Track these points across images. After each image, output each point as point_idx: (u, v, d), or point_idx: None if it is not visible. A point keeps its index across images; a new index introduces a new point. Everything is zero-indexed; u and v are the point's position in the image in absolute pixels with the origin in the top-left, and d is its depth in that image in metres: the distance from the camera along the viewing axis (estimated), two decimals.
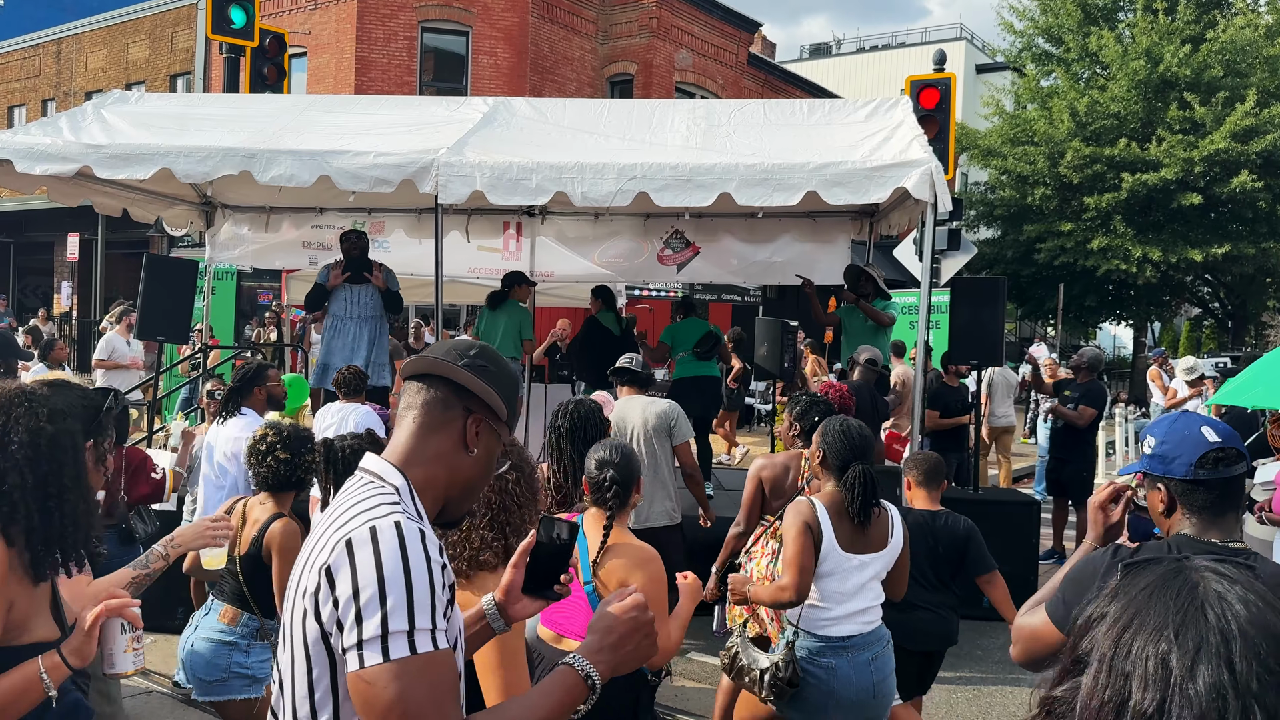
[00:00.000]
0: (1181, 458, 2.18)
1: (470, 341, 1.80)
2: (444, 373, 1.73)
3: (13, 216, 24.23)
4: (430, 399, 1.73)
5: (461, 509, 1.79)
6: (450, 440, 1.71)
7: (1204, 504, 2.16)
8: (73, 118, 7.21)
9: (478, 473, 1.76)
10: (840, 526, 3.62)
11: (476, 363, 1.75)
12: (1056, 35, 25.10)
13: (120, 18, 25.62)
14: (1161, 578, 1.00)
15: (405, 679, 1.47)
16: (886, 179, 5.95)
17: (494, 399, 1.74)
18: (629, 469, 3.20)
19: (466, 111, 7.56)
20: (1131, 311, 26.20)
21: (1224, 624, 0.92)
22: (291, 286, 12.46)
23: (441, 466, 1.71)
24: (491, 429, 1.76)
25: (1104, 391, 9.36)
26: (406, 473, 1.67)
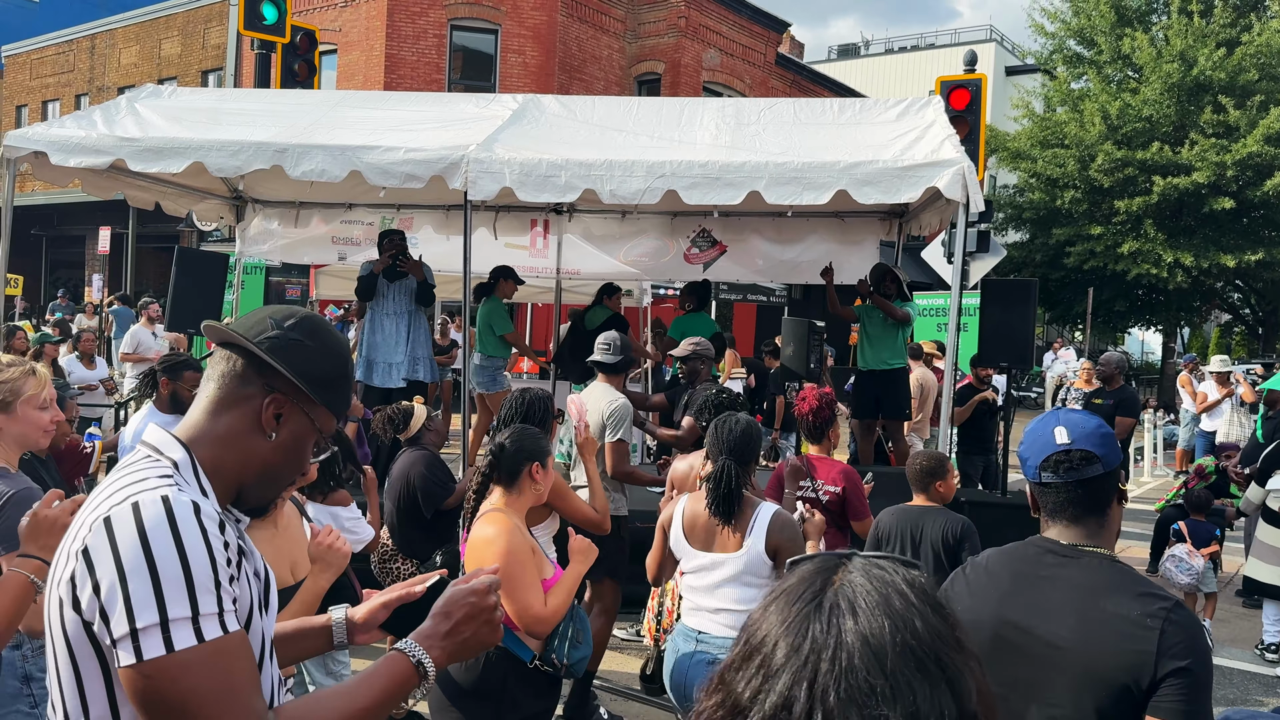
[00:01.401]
0: (1031, 460, 2.12)
1: (291, 310, 1.61)
2: (238, 343, 1.54)
3: (46, 209, 24.52)
4: (228, 371, 1.55)
5: (263, 496, 1.60)
6: (245, 420, 1.53)
7: (1055, 506, 2.10)
8: (107, 111, 7.27)
9: (278, 459, 1.56)
10: (697, 523, 3.53)
11: (289, 335, 1.56)
12: (1089, 37, 24.87)
13: (153, 14, 25.88)
14: (802, 577, 0.94)
15: (193, 671, 1.29)
16: (918, 178, 5.90)
17: (301, 379, 1.55)
18: (516, 448, 3.22)
19: (496, 108, 7.57)
20: (1161, 317, 25.93)
21: (824, 634, 0.87)
22: (320, 281, 12.53)
23: (232, 448, 1.52)
24: (300, 411, 1.57)
25: (1137, 398, 9.26)
26: (193, 449, 1.50)
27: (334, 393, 1.61)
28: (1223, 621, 7.66)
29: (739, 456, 3.50)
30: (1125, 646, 1.88)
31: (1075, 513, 2.08)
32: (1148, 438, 14.97)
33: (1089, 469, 2.04)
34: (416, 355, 7.89)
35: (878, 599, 0.88)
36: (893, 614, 0.87)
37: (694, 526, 3.55)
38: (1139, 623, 1.88)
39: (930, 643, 0.86)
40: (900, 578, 0.91)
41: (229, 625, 1.33)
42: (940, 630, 0.88)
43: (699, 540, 3.53)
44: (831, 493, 4.78)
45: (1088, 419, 2.10)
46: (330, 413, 1.62)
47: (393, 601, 1.87)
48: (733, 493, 3.44)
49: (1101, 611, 1.93)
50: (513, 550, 3.02)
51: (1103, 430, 2.08)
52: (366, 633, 1.89)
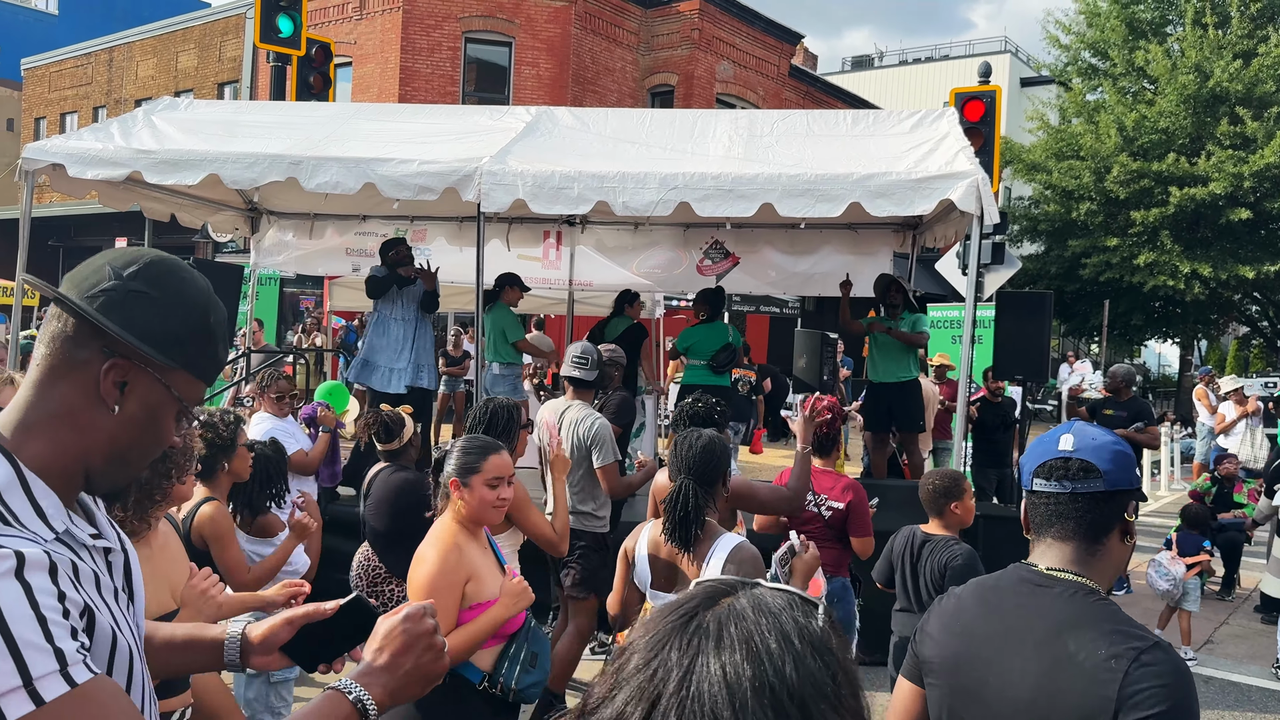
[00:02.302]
0: (1028, 465, 1.88)
1: (136, 254, 1.35)
2: (61, 300, 1.29)
3: (63, 221, 24.71)
4: (59, 332, 1.29)
5: (116, 479, 1.35)
6: (82, 391, 1.28)
7: (1041, 520, 1.84)
8: (124, 124, 7.32)
9: (127, 436, 1.32)
10: (659, 557, 3.24)
11: (128, 286, 1.29)
12: (1103, 50, 24.81)
13: (170, 27, 26.11)
14: (686, 597, 0.87)
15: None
16: (932, 190, 5.88)
17: (145, 339, 1.29)
18: (463, 464, 3.06)
19: (509, 121, 7.59)
20: (1178, 329, 25.78)
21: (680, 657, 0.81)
22: (334, 292, 12.58)
23: (70, 427, 1.27)
24: (150, 377, 1.31)
25: (1150, 406, 9.20)
26: (20, 450, 1.25)
27: (193, 351, 1.34)
28: (1241, 638, 7.58)
29: (700, 476, 3.19)
30: (1084, 691, 1.62)
31: (1062, 531, 1.82)
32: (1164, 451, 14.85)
33: (1087, 482, 1.79)
34: (421, 362, 7.90)
35: (750, 632, 0.81)
36: (760, 650, 0.80)
37: (655, 558, 3.26)
38: (1103, 665, 1.62)
39: (798, 689, 0.79)
40: (790, 616, 0.84)
41: (76, 677, 1.13)
42: (817, 679, 0.80)
43: (660, 576, 3.23)
44: (835, 509, 4.69)
45: (1103, 433, 1.86)
46: (193, 376, 1.36)
47: (297, 619, 1.62)
48: (689, 516, 3.11)
49: (1063, 650, 1.68)
50: (440, 575, 2.85)
51: (1117, 447, 1.84)
52: (265, 654, 1.62)
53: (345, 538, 5.35)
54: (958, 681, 1.82)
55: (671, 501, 3.15)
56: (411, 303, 7.93)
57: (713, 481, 3.22)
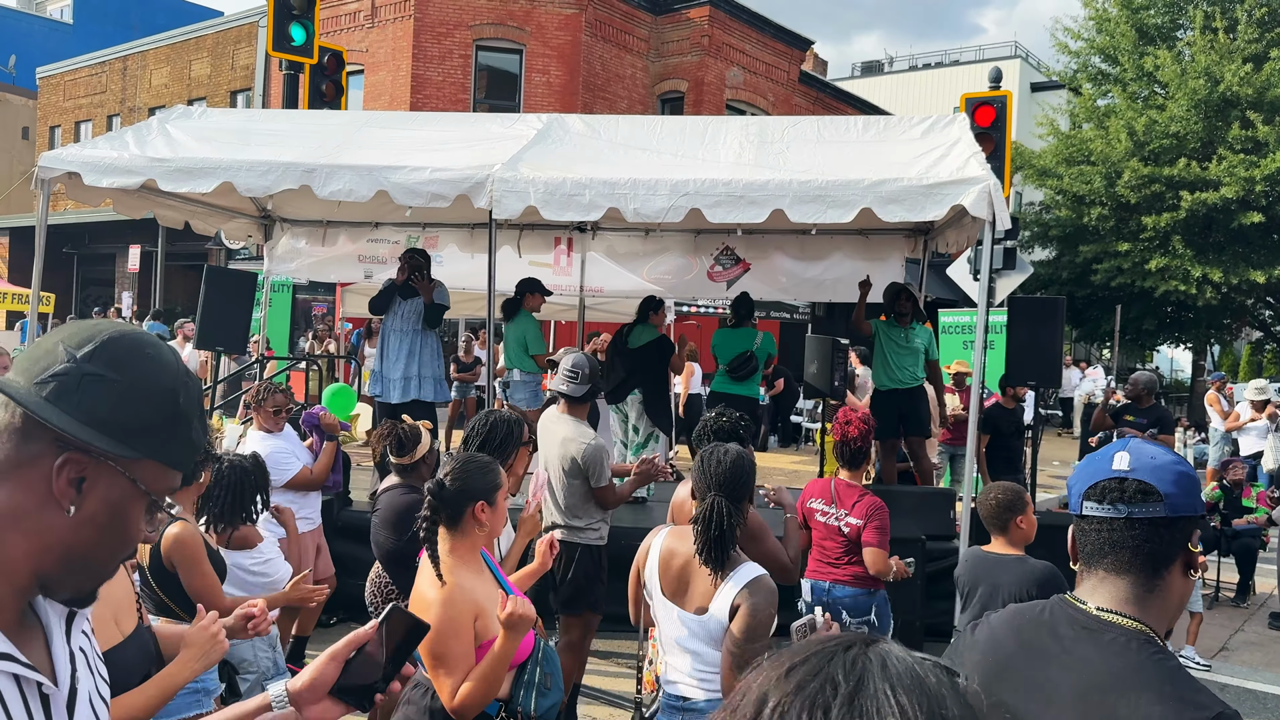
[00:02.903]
0: (1077, 486, 1.66)
1: (94, 330, 1.19)
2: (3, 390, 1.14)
3: (77, 228, 24.87)
4: (4, 424, 1.14)
5: (80, 585, 1.19)
6: (31, 491, 1.12)
7: (1092, 550, 1.61)
8: (138, 132, 7.37)
9: (87, 538, 1.15)
10: (670, 566, 3.16)
11: (83, 369, 1.14)
12: (1112, 55, 24.75)
13: (183, 36, 26.27)
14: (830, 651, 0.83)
15: None
16: (944, 196, 5.88)
17: (102, 430, 1.13)
18: (458, 486, 2.86)
19: (521, 128, 7.62)
20: (1190, 334, 25.66)
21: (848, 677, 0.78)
22: (346, 299, 12.63)
23: (16, 531, 1.12)
24: (113, 471, 1.15)
25: (1171, 415, 9.17)
26: None
27: (162, 439, 1.18)
28: (1257, 645, 7.53)
29: (729, 492, 3.06)
30: None
31: (1116, 562, 1.59)
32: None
33: (1146, 505, 1.56)
34: (418, 374, 7.87)
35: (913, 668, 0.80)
36: (927, 685, 0.78)
37: (667, 568, 3.17)
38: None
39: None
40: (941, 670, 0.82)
41: None
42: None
43: (670, 585, 3.15)
44: (854, 525, 4.67)
45: (1163, 451, 1.64)
46: (164, 465, 1.20)
47: (340, 653, 1.48)
48: (724, 535, 2.99)
49: (1109, 713, 1.47)
50: (445, 623, 2.70)
51: (1180, 468, 1.61)
52: (315, 702, 1.47)
53: (361, 544, 5.34)
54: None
55: (704, 520, 3.02)
56: (412, 315, 7.93)
57: (740, 498, 3.12)
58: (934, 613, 6.56)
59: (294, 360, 13.28)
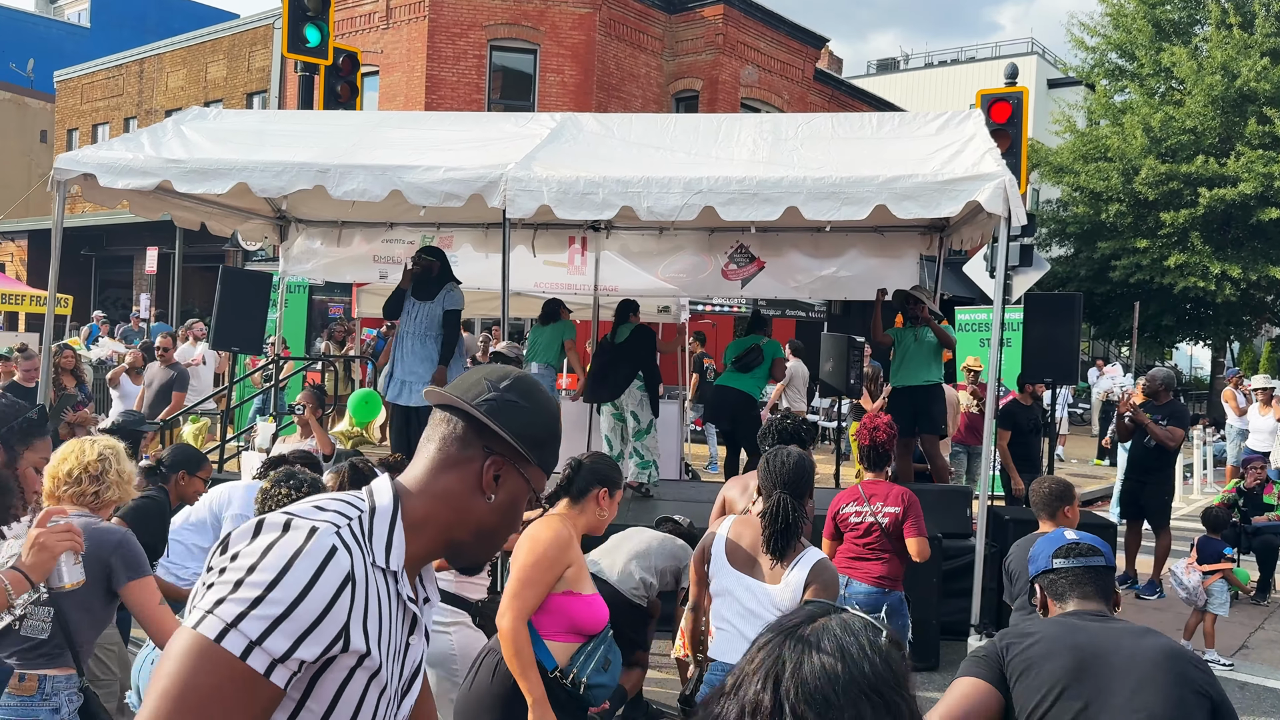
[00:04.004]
0: (1043, 554, 2.60)
1: (505, 371, 1.62)
2: (459, 406, 1.57)
3: (95, 230, 25.05)
4: (448, 434, 1.57)
5: (477, 555, 1.61)
6: (464, 481, 1.55)
7: (1068, 585, 2.52)
8: (154, 134, 7.41)
9: (495, 520, 1.58)
10: (740, 547, 3.50)
11: (505, 397, 1.56)
12: (1129, 51, 24.58)
13: (200, 38, 26.42)
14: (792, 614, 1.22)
15: (201, 667, 1.26)
16: (959, 192, 5.84)
17: (519, 441, 1.56)
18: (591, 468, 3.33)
19: (534, 127, 7.62)
20: (1210, 331, 25.46)
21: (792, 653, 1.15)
22: (362, 300, 12.67)
23: (448, 506, 1.54)
24: (516, 472, 1.58)
25: (1187, 412, 9.09)
26: (404, 500, 1.52)
27: (547, 452, 1.62)
28: (1277, 643, 7.46)
29: (794, 490, 3.44)
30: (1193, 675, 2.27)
31: (1088, 590, 2.50)
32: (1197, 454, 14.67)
33: (1095, 558, 2.53)
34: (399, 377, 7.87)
35: (839, 642, 1.15)
36: (848, 656, 1.14)
37: (736, 549, 3.51)
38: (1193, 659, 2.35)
39: (874, 681, 1.13)
40: (864, 635, 1.17)
41: (275, 675, 1.29)
42: (885, 675, 1.14)
43: (739, 563, 3.48)
44: (891, 514, 4.89)
45: (1089, 534, 2.63)
46: (543, 472, 1.63)
47: None
48: (790, 528, 3.38)
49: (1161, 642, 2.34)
50: (545, 554, 3.05)
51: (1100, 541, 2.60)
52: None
53: None
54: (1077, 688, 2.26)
55: (771, 515, 3.39)
56: (423, 318, 7.84)
57: (802, 495, 3.47)
58: (950, 610, 6.51)
59: (310, 361, 13.33)
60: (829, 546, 5.14)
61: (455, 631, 3.76)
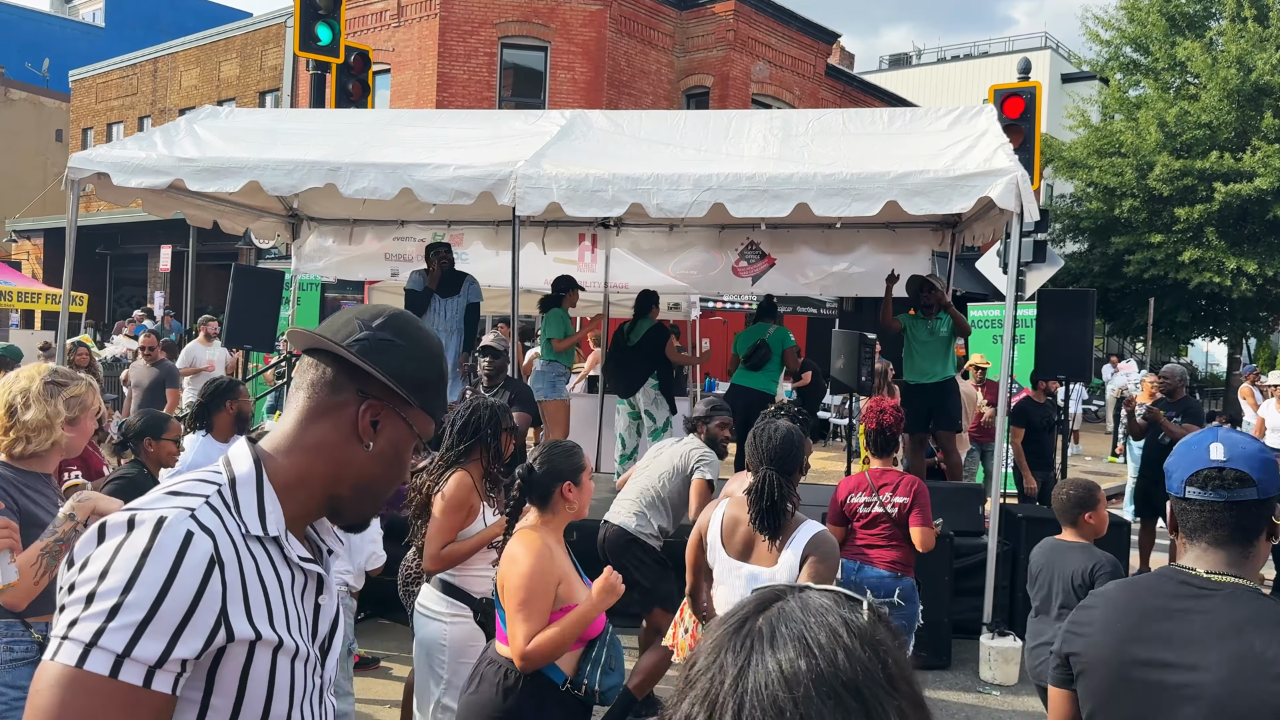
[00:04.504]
0: (1177, 473, 1.97)
1: (379, 309, 1.51)
2: (327, 348, 1.44)
3: (109, 229, 25.17)
4: (317, 379, 1.44)
5: (361, 509, 1.49)
6: (338, 429, 1.42)
7: (1196, 526, 1.95)
8: (166, 132, 7.44)
9: (376, 470, 1.45)
10: (736, 531, 3.40)
11: (378, 336, 1.44)
12: (1144, 45, 24.41)
13: (212, 37, 26.51)
14: (740, 605, 0.94)
15: (69, 701, 1.14)
16: (970, 188, 5.82)
17: (396, 381, 1.44)
18: (546, 469, 3.13)
19: (544, 124, 7.62)
20: (1225, 327, 25.26)
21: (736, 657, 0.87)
22: (373, 297, 12.69)
23: (323, 459, 1.42)
24: (397, 416, 1.45)
25: (1202, 408, 9.03)
26: (269, 461, 1.39)
27: (430, 394, 1.50)
28: None
29: (780, 466, 3.32)
30: (1275, 689, 1.74)
31: (1217, 536, 1.92)
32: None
33: (1241, 491, 1.90)
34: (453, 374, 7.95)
35: (801, 629, 0.88)
36: (812, 645, 0.86)
37: (732, 533, 3.42)
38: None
39: (850, 676, 0.85)
40: (836, 613, 0.89)
41: (155, 682, 1.18)
42: (869, 667, 0.86)
43: (735, 548, 3.40)
44: (900, 504, 4.85)
45: (1250, 441, 1.96)
46: (428, 416, 1.51)
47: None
48: (776, 504, 3.26)
49: (1248, 647, 1.78)
50: (535, 574, 2.93)
51: (1265, 455, 1.93)
52: None
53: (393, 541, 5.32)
54: (1129, 679, 1.90)
55: (756, 492, 3.26)
56: (453, 314, 7.93)
57: (791, 471, 3.34)
58: (962, 609, 6.48)
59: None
60: (833, 533, 5.07)
61: (452, 624, 3.71)
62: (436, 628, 3.72)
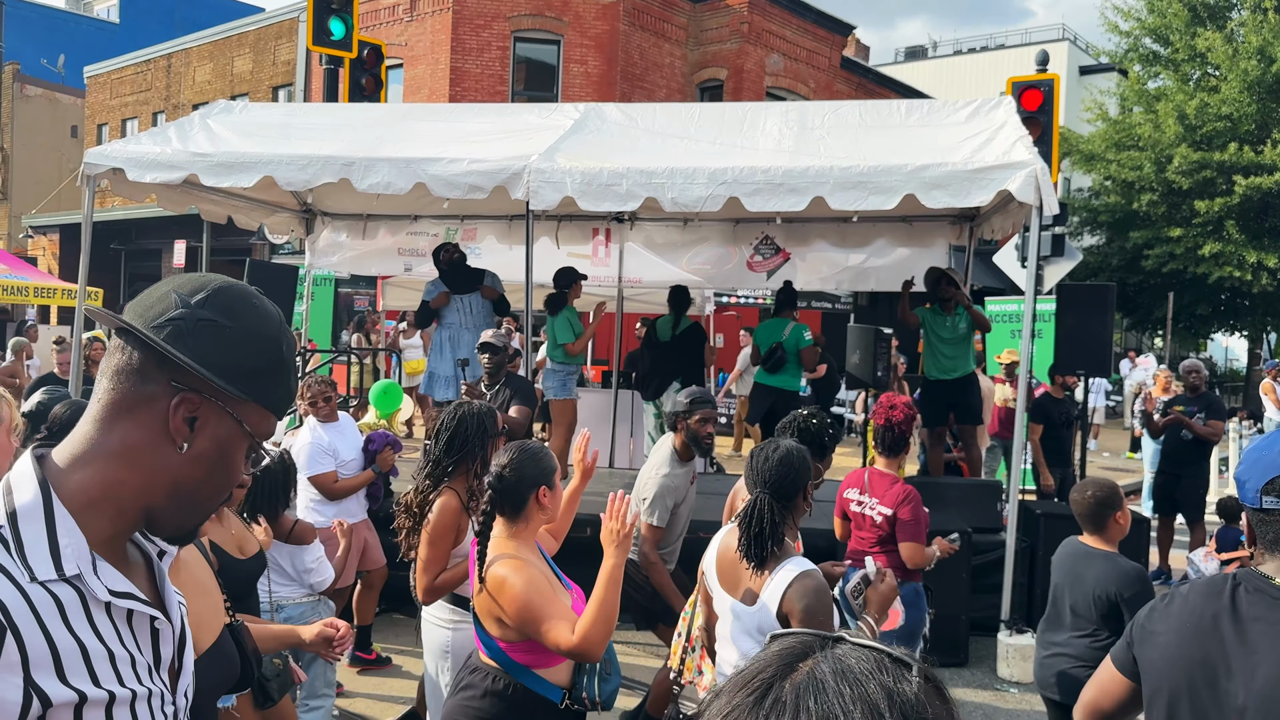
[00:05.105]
0: (1251, 482, 1.88)
1: (204, 280, 1.24)
2: (129, 328, 1.19)
3: (124, 224, 25.26)
4: (122, 365, 1.19)
5: (183, 522, 1.25)
6: (147, 427, 1.18)
7: (1276, 538, 1.86)
8: (181, 127, 7.43)
9: (196, 474, 1.22)
10: (726, 558, 3.15)
11: (196, 315, 1.19)
12: (1164, 36, 24.19)
13: (226, 33, 26.56)
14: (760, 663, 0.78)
15: None
16: (989, 181, 5.74)
17: (216, 371, 1.19)
18: (517, 476, 2.91)
19: (558, 118, 7.57)
20: (1246, 321, 25.04)
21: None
22: (387, 292, 12.70)
23: (127, 464, 1.18)
24: (222, 412, 1.21)
25: (1223, 402, 8.94)
26: (63, 479, 1.16)
27: (266, 384, 1.25)
28: None
29: (775, 489, 3.03)
30: None
31: None
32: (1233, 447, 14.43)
33: None
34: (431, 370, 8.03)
35: (832, 708, 0.72)
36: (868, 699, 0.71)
37: (723, 561, 3.19)
38: None
39: None
40: (878, 682, 0.73)
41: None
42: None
43: (726, 578, 3.17)
44: (885, 514, 4.61)
45: None
46: (264, 409, 1.26)
47: None
48: (764, 532, 2.97)
49: None
50: (529, 584, 2.75)
51: None
52: None
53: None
54: (1198, 682, 1.85)
55: (745, 517, 3.01)
56: (478, 310, 8.00)
57: (791, 495, 3.07)
58: (980, 606, 6.42)
59: (336, 353, 13.38)
60: (840, 526, 4.92)
61: (456, 630, 3.68)
62: (440, 635, 3.69)
